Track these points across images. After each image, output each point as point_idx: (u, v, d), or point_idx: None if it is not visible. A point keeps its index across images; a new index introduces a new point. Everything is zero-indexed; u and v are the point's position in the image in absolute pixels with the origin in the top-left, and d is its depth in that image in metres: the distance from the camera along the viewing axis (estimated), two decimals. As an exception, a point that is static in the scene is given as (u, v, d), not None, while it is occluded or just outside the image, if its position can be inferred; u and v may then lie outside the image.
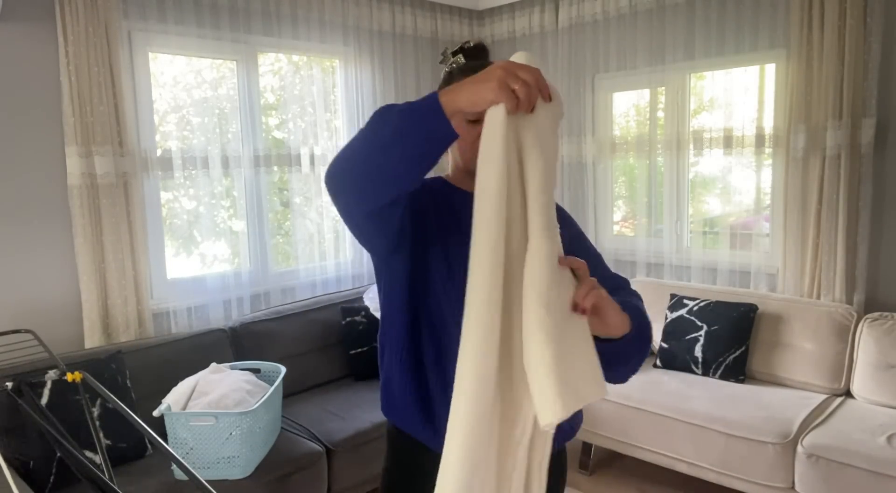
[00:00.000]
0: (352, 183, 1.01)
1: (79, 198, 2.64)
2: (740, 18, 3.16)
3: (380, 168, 0.97)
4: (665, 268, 3.62)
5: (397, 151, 0.96)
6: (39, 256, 2.64)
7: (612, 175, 3.89)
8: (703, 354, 3.03)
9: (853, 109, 2.82)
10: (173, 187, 3.09)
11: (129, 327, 2.78)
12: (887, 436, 2.38)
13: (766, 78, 3.20)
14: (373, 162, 0.97)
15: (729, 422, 2.58)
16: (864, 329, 2.79)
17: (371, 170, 0.98)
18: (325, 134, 3.54)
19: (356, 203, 1.04)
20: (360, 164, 0.99)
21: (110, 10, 2.65)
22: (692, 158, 3.50)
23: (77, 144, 2.61)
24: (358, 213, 1.06)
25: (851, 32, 2.76)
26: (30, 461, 2.13)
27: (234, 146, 3.19)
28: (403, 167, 0.97)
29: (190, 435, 2.22)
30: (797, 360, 2.91)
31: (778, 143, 3.11)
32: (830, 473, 2.34)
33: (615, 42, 3.65)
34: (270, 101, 3.47)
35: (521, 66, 0.95)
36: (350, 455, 2.62)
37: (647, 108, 3.68)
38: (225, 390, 2.36)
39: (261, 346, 3.00)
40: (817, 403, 2.71)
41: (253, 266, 3.33)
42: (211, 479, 2.23)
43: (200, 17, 3.00)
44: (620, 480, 3.05)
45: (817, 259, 3.00)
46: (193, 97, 3.10)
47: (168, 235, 3.08)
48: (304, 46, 3.43)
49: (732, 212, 3.41)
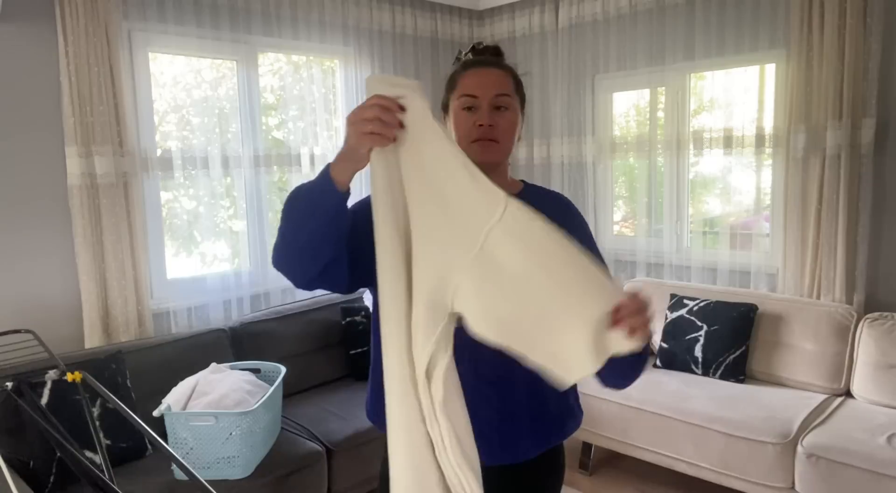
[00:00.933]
0: (286, 262, 1.15)
1: (79, 198, 2.64)
2: (740, 19, 3.16)
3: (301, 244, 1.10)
4: (665, 268, 3.62)
5: (309, 226, 1.09)
6: (39, 256, 2.64)
7: (612, 175, 3.89)
8: (703, 354, 3.03)
9: (853, 109, 2.82)
10: (173, 187, 3.09)
11: (129, 327, 2.78)
12: (887, 436, 2.38)
13: (766, 78, 3.19)
14: (295, 241, 1.11)
15: (729, 422, 2.58)
16: (864, 329, 2.79)
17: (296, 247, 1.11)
18: (325, 134, 3.54)
19: (295, 277, 1.16)
20: (287, 244, 1.13)
21: (110, 10, 2.65)
22: (692, 158, 3.50)
23: (77, 144, 2.61)
24: (302, 282, 1.17)
25: (851, 32, 2.76)
26: (30, 461, 2.13)
27: (234, 146, 3.19)
28: (319, 238, 1.09)
29: (190, 435, 2.22)
30: (797, 360, 2.91)
31: (778, 143, 3.11)
32: (830, 473, 2.34)
33: (615, 42, 3.65)
34: (270, 101, 3.47)
35: (362, 108, 1.04)
36: (350, 455, 2.62)
37: (647, 108, 3.68)
38: (225, 390, 2.36)
39: (261, 346, 3.00)
40: (817, 403, 2.71)
41: (253, 266, 3.33)
42: (211, 479, 2.22)
43: (200, 17, 3.00)
44: (620, 480, 3.05)
45: (817, 259, 2.99)
46: (193, 97, 3.10)
47: (168, 236, 3.08)
48: (304, 47, 3.43)
49: (732, 212, 3.41)
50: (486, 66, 1.28)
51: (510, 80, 1.28)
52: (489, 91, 1.23)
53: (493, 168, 1.22)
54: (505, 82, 1.26)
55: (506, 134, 1.25)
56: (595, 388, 2.97)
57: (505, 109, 1.25)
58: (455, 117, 1.26)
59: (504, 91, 1.25)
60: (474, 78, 1.26)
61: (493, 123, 1.23)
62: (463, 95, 1.25)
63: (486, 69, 1.27)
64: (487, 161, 1.19)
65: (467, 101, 1.24)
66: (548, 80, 3.99)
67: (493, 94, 1.23)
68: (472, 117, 1.24)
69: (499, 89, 1.24)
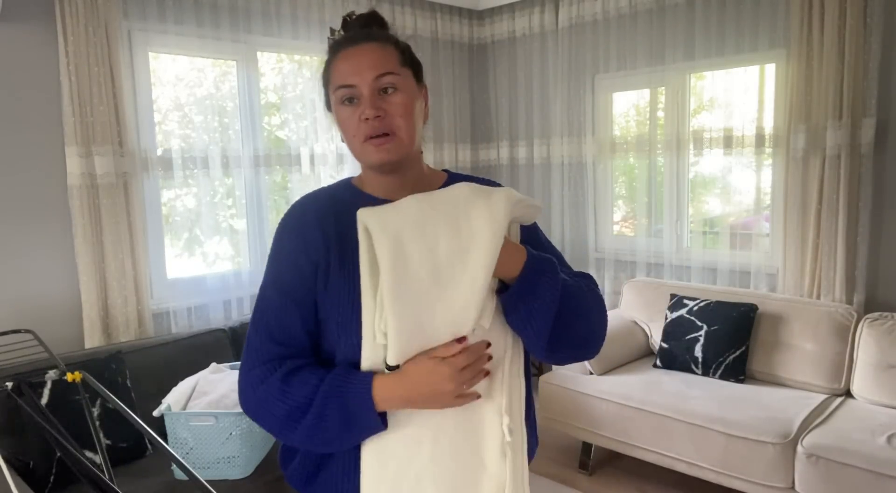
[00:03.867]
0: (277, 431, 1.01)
1: (79, 198, 2.64)
2: (740, 19, 3.16)
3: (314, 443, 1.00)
4: (665, 268, 3.62)
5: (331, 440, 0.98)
6: (39, 256, 2.64)
7: (612, 175, 3.89)
8: (703, 354, 3.03)
9: (853, 109, 2.82)
10: (173, 187, 3.09)
11: (129, 327, 2.78)
12: (887, 436, 2.38)
13: (766, 78, 3.19)
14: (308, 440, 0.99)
15: (729, 422, 2.58)
16: (864, 329, 2.79)
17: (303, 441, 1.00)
18: (325, 134, 3.54)
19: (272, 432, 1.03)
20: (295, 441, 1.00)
21: (110, 9, 2.65)
22: (692, 158, 3.50)
23: (77, 144, 2.61)
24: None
25: (851, 32, 2.76)
26: (30, 461, 2.13)
27: (235, 146, 3.19)
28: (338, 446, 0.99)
29: (190, 435, 2.22)
30: (797, 360, 2.91)
31: (778, 143, 3.11)
32: (830, 473, 2.34)
33: (615, 42, 3.65)
34: (272, 100, 3.47)
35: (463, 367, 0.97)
36: (350, 455, 2.62)
37: (647, 108, 3.68)
38: (225, 390, 2.36)
39: (261, 346, 2.99)
40: (817, 403, 2.71)
41: (253, 266, 3.33)
42: (211, 479, 2.23)
43: (200, 16, 3.00)
44: (620, 480, 3.05)
45: (817, 259, 2.99)
46: (193, 97, 3.10)
47: (168, 235, 3.08)
48: (305, 46, 3.43)
49: (732, 212, 3.41)
50: (356, 44, 1.03)
51: (392, 53, 1.04)
52: (366, 75, 1.00)
53: (399, 166, 1.05)
54: (384, 58, 1.02)
55: (401, 121, 1.02)
56: (595, 387, 2.98)
57: (393, 91, 1.01)
58: (337, 115, 1.05)
59: (385, 69, 1.01)
60: (346, 62, 1.02)
61: (381, 112, 1.00)
62: (339, 87, 1.03)
63: (357, 48, 1.03)
64: (387, 161, 1.02)
65: (345, 92, 1.02)
66: (548, 80, 3.99)
67: (371, 77, 1.00)
68: (355, 111, 1.02)
69: (378, 69, 1.00)
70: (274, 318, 1.03)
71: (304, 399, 0.96)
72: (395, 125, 1.01)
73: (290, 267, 1.04)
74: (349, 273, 1.02)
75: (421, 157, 1.12)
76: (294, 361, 1.01)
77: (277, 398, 0.98)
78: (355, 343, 0.99)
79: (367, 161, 1.05)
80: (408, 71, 1.05)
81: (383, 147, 1.01)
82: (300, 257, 1.04)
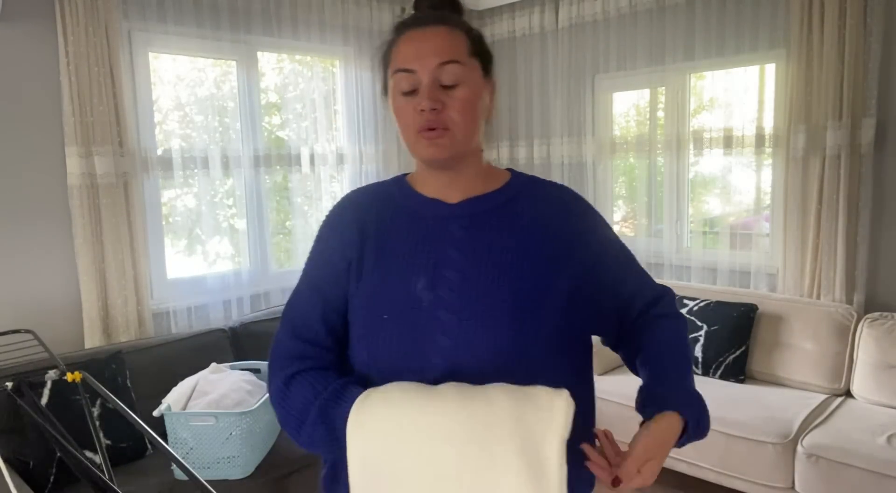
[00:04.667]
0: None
1: (79, 198, 2.64)
2: (740, 19, 3.16)
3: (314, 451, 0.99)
4: (665, 268, 3.62)
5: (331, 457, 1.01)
6: (39, 256, 2.64)
7: (612, 175, 3.89)
8: (703, 354, 3.03)
9: (853, 109, 2.82)
10: (174, 187, 3.09)
11: (129, 327, 2.78)
12: (887, 436, 2.38)
13: (766, 78, 3.19)
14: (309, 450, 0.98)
15: (729, 422, 2.58)
16: (864, 329, 2.78)
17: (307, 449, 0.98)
18: (325, 134, 3.54)
19: None
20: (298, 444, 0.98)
21: (110, 10, 2.65)
22: (692, 158, 3.50)
23: (77, 144, 2.61)
24: None
25: (851, 32, 2.76)
26: (30, 461, 2.13)
27: (235, 146, 3.19)
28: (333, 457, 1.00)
29: (190, 435, 2.21)
30: (797, 360, 2.91)
31: (778, 143, 3.11)
32: (830, 473, 2.34)
33: (615, 42, 3.65)
34: (272, 100, 3.47)
35: None
36: (350, 455, 2.62)
37: (647, 108, 3.68)
38: (225, 390, 2.36)
39: (261, 346, 3.00)
40: (817, 403, 2.71)
41: (253, 266, 3.33)
42: (211, 479, 2.22)
43: (200, 17, 3.00)
44: (620, 480, 3.05)
45: (817, 259, 2.99)
46: (193, 97, 3.10)
47: (168, 235, 3.08)
48: (305, 47, 3.43)
49: (732, 212, 3.41)
50: (423, 26, 0.94)
51: (462, 40, 0.94)
52: (429, 61, 0.91)
53: (452, 163, 0.97)
54: (452, 44, 0.93)
55: (460, 117, 0.93)
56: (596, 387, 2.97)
57: (455, 83, 0.92)
58: (393, 103, 0.96)
59: (451, 57, 0.91)
60: (410, 45, 0.93)
61: (439, 105, 0.91)
62: (398, 71, 0.93)
63: (423, 30, 0.93)
64: (438, 157, 0.94)
65: (404, 78, 0.93)
66: (548, 80, 3.99)
67: (434, 64, 0.91)
68: (412, 102, 0.93)
69: (442, 56, 0.91)
70: (299, 313, 1.01)
71: (297, 412, 0.94)
72: (452, 120, 0.92)
73: (324, 264, 1.02)
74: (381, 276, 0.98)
75: (480, 155, 1.03)
76: (304, 362, 0.98)
77: (278, 402, 0.98)
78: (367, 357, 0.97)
79: (418, 155, 0.97)
80: (476, 62, 0.96)
81: (436, 142, 0.93)
82: (335, 254, 1.01)
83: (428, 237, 0.98)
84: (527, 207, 1.01)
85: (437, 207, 1.00)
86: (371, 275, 0.98)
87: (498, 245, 0.96)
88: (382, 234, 1.00)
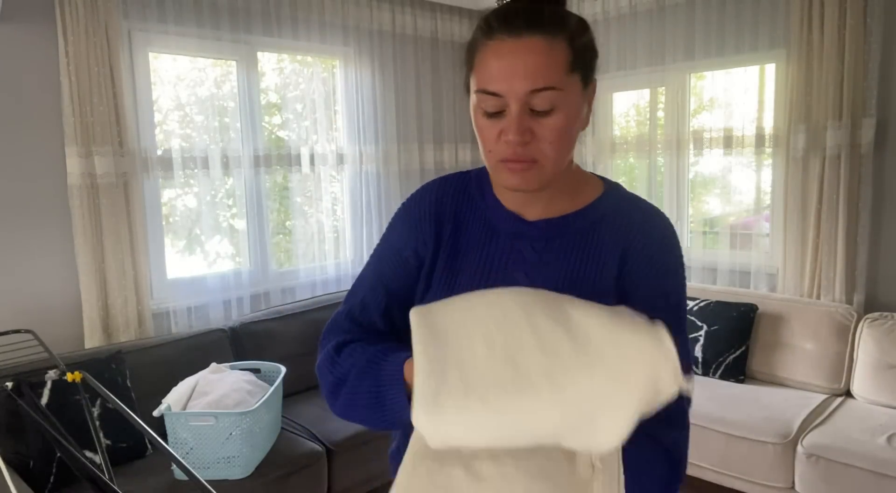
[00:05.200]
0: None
1: (79, 198, 2.64)
2: (740, 18, 3.16)
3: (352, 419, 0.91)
4: (665, 268, 3.62)
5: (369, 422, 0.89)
6: (39, 256, 2.64)
7: (613, 175, 3.89)
8: (703, 354, 3.03)
9: (853, 109, 2.82)
10: (174, 187, 3.09)
11: (129, 327, 2.78)
12: (887, 436, 2.38)
13: (766, 78, 3.20)
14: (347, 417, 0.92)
15: (729, 422, 2.58)
16: (864, 329, 2.79)
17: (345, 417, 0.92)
18: (325, 134, 3.54)
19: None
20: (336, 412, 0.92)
21: (110, 10, 2.65)
22: (692, 158, 3.50)
23: (77, 144, 2.61)
24: None
25: (851, 32, 2.76)
26: (30, 461, 2.13)
27: (235, 146, 3.19)
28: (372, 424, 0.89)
29: (190, 435, 2.21)
30: (797, 360, 2.91)
31: (778, 143, 3.11)
32: (830, 473, 2.34)
33: (615, 42, 3.65)
34: (272, 100, 3.47)
35: None
36: (350, 455, 2.62)
37: (647, 108, 3.68)
38: (225, 390, 2.36)
39: (261, 346, 3.00)
40: (817, 403, 2.71)
41: (253, 266, 3.33)
42: (211, 479, 2.22)
43: (200, 17, 3.00)
44: (620, 480, 3.05)
45: (817, 259, 2.99)
46: (194, 97, 3.10)
47: (168, 235, 3.08)
48: (305, 47, 3.43)
49: (732, 212, 3.41)
50: (516, 35, 0.78)
51: (562, 53, 0.78)
52: (519, 86, 0.77)
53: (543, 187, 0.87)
54: (549, 64, 0.77)
55: (552, 148, 0.81)
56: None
57: (550, 110, 0.79)
58: (475, 119, 0.84)
59: (546, 83, 0.77)
60: (498, 61, 0.78)
61: (529, 137, 0.80)
62: (481, 90, 0.80)
63: (516, 42, 0.78)
64: (522, 189, 0.84)
65: (489, 100, 0.80)
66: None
67: (525, 90, 0.77)
68: (497, 125, 0.81)
69: (537, 82, 0.77)
70: (360, 300, 0.99)
71: (345, 372, 0.89)
72: (542, 153, 0.81)
73: (394, 255, 0.97)
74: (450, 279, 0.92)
75: (569, 170, 0.92)
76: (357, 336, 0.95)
77: (328, 369, 0.93)
78: None
79: (499, 182, 0.88)
80: (576, 78, 0.81)
81: (520, 174, 0.82)
82: (407, 249, 0.96)
83: (500, 257, 0.91)
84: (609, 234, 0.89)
85: (514, 223, 0.92)
86: (439, 288, 0.93)
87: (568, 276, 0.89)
88: (457, 242, 0.94)
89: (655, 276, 0.88)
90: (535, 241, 0.91)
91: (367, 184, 3.72)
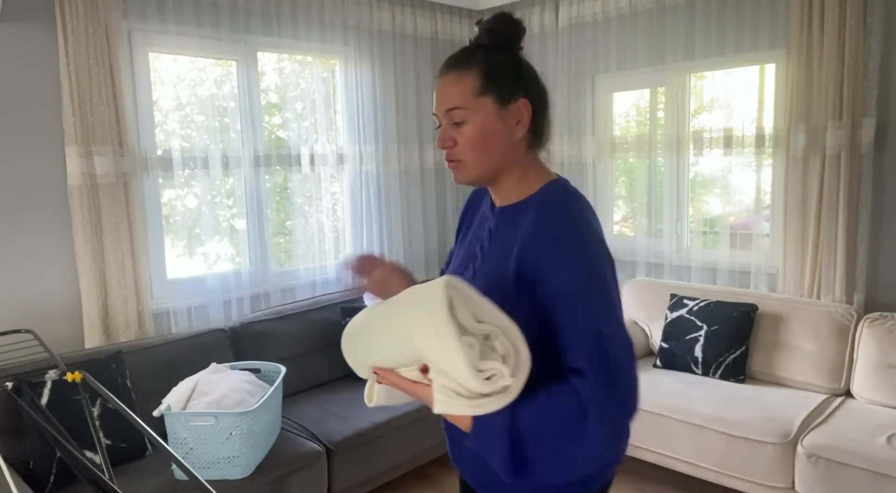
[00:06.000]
0: None
1: (79, 198, 2.64)
2: (740, 18, 3.16)
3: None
4: (665, 268, 3.62)
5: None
6: (39, 255, 2.64)
7: (612, 175, 3.89)
8: (703, 354, 3.03)
9: (853, 109, 2.82)
10: (174, 187, 3.09)
11: (129, 327, 2.78)
12: (887, 436, 2.38)
13: (766, 78, 3.20)
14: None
15: (729, 422, 2.58)
16: (864, 329, 2.79)
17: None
18: (325, 134, 3.54)
19: None
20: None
21: (110, 10, 2.65)
22: (692, 158, 3.50)
23: (77, 144, 2.61)
24: None
25: (851, 32, 2.76)
26: (30, 461, 2.13)
27: (235, 146, 3.19)
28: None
29: (190, 435, 2.21)
30: (797, 360, 2.91)
31: (778, 143, 3.11)
32: (830, 473, 2.34)
33: (615, 42, 3.65)
34: (272, 100, 3.47)
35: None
36: (350, 455, 2.62)
37: (647, 108, 3.68)
38: (225, 390, 2.36)
39: (261, 346, 3.00)
40: (817, 403, 2.71)
41: (253, 266, 3.33)
42: (211, 479, 2.23)
43: (200, 16, 3.00)
44: (620, 480, 3.05)
45: (817, 259, 2.99)
46: (194, 97, 3.10)
47: (168, 235, 3.08)
48: (305, 46, 3.43)
49: (732, 212, 3.41)
50: (442, 74, 1.14)
51: (470, 83, 1.09)
52: (440, 107, 1.12)
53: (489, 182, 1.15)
54: (457, 91, 1.09)
55: (468, 151, 1.10)
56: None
57: (463, 123, 1.09)
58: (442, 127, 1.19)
59: (454, 104, 1.09)
60: (436, 91, 1.14)
61: (451, 142, 1.11)
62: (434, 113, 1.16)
63: (442, 79, 1.13)
64: (459, 182, 1.16)
65: (436, 120, 1.15)
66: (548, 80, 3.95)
67: (442, 110, 1.11)
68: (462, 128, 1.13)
69: (448, 103, 1.10)
70: None
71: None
72: (462, 155, 1.11)
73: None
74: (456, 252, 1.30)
75: (521, 167, 1.14)
76: None
77: None
78: None
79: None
80: (486, 99, 1.09)
81: (454, 171, 1.14)
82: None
83: (479, 232, 1.22)
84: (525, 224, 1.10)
85: (490, 210, 1.22)
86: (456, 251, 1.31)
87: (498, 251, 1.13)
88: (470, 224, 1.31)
89: (550, 260, 1.02)
90: (491, 223, 1.19)
91: (367, 184, 3.72)
